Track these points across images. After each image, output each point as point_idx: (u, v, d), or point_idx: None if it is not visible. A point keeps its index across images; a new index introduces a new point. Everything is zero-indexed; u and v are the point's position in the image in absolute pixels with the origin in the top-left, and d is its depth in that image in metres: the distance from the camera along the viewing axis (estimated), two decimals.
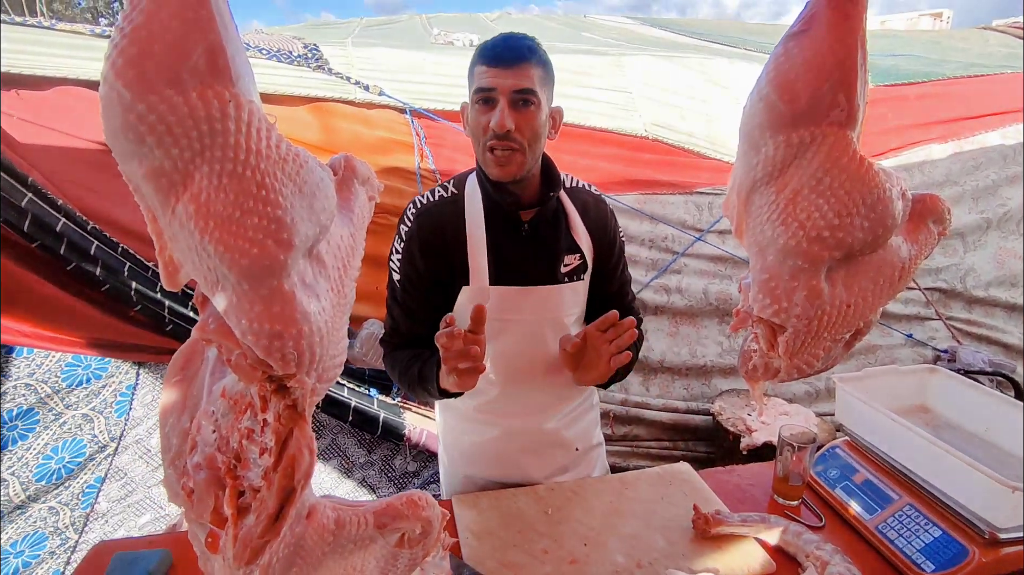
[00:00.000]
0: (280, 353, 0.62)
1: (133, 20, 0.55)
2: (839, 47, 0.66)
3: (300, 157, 0.66)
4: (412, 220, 1.21)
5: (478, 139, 1.14)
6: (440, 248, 1.19)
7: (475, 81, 1.12)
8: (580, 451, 1.40)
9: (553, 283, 1.23)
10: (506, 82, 1.08)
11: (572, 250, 1.25)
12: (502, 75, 1.08)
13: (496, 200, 1.18)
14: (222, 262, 0.59)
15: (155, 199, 0.59)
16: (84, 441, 2.01)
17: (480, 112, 1.12)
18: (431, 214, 1.21)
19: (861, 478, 1.27)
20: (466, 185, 1.23)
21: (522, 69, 1.08)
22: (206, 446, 0.77)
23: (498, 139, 1.10)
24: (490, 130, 1.09)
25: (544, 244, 1.23)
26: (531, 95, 1.10)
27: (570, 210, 1.26)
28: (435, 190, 1.25)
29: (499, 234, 1.20)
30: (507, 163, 1.12)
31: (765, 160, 0.71)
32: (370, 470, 2.32)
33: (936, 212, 0.81)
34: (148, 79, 0.54)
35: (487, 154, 1.13)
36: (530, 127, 1.11)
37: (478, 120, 1.12)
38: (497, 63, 1.08)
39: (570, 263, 1.25)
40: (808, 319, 0.72)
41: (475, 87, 1.11)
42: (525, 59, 1.09)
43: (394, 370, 1.26)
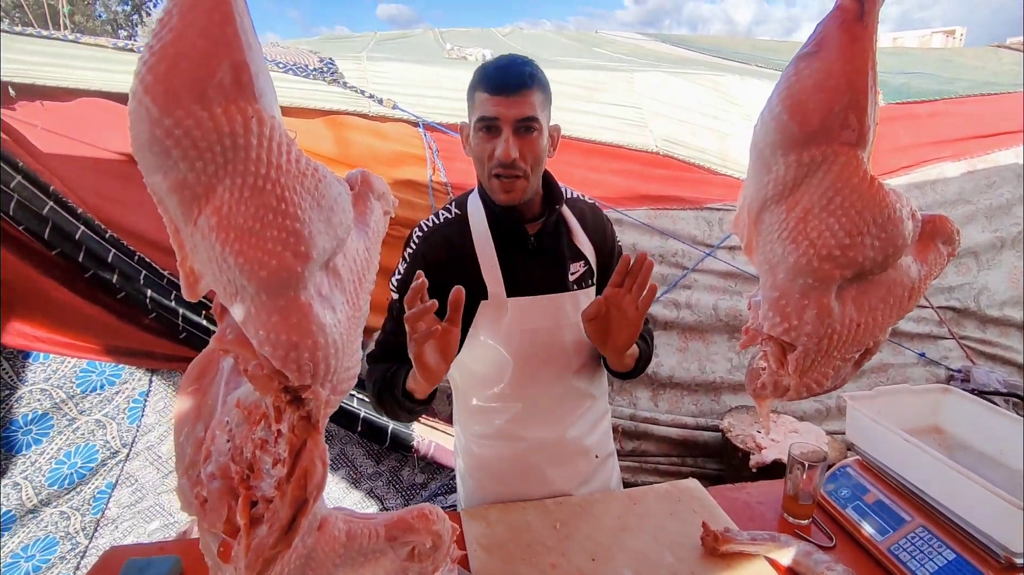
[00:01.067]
0: (296, 364, 0.63)
1: (162, 38, 0.57)
2: (850, 68, 0.67)
3: (319, 172, 0.67)
4: (419, 242, 1.24)
5: (482, 164, 1.16)
6: (448, 265, 1.20)
7: (477, 108, 1.13)
8: (599, 459, 1.41)
9: (564, 291, 1.26)
10: (509, 112, 1.09)
11: (576, 258, 1.28)
12: (504, 104, 1.09)
13: (500, 216, 1.21)
14: (241, 273, 0.60)
15: (178, 211, 0.60)
16: (96, 447, 2.03)
17: (483, 139, 1.13)
18: (438, 234, 1.23)
19: (873, 498, 1.25)
20: (468, 204, 1.25)
21: (524, 97, 1.10)
22: (220, 456, 0.78)
23: (503, 167, 1.12)
24: (495, 158, 1.11)
25: (551, 255, 1.26)
26: (534, 122, 1.12)
27: (571, 220, 1.30)
28: (438, 213, 1.28)
29: (507, 248, 1.22)
30: (512, 189, 1.15)
31: (776, 179, 0.71)
32: (378, 481, 2.32)
33: (945, 233, 0.81)
34: (175, 95, 0.56)
35: (492, 180, 1.15)
36: (532, 153, 1.13)
37: (482, 147, 1.14)
38: (499, 91, 1.09)
39: (576, 270, 1.28)
40: (818, 337, 0.72)
41: (478, 115, 1.13)
42: (526, 86, 1.10)
43: (369, 380, 1.25)
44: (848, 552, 1.17)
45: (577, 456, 1.36)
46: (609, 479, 1.45)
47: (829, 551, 1.16)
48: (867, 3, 0.69)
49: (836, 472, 1.35)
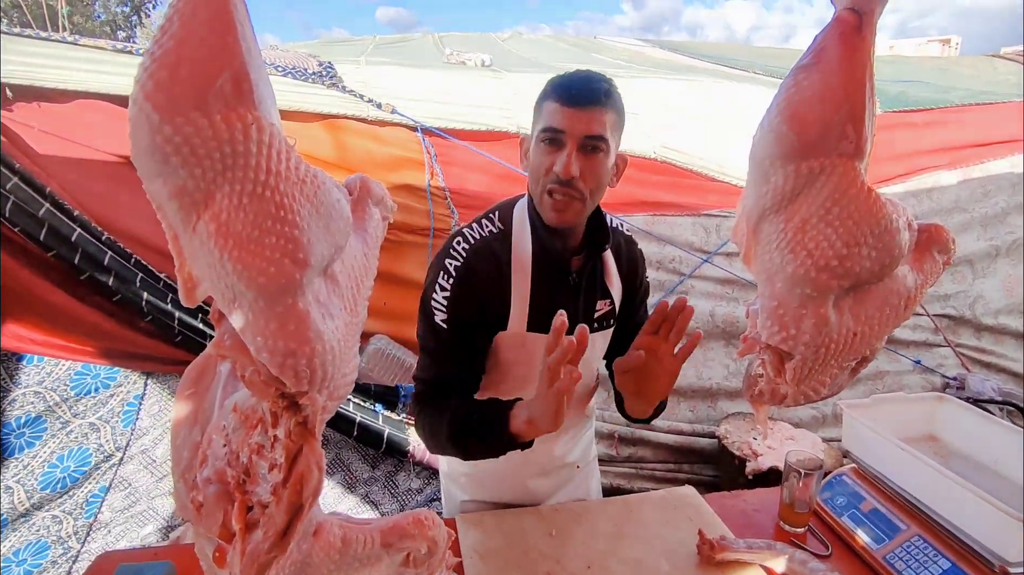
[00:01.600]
0: (293, 370, 0.63)
1: (163, 45, 0.58)
2: (848, 80, 0.68)
3: (318, 179, 0.67)
4: (464, 255, 1.11)
5: (538, 179, 1.07)
6: (489, 288, 1.12)
7: (544, 119, 1.04)
8: (580, 468, 1.41)
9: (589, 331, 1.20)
10: (577, 125, 1.01)
11: (604, 295, 1.22)
12: (574, 117, 1.01)
13: (548, 246, 1.12)
14: (240, 280, 0.60)
15: (177, 217, 0.60)
16: (90, 450, 2.01)
17: (545, 152, 1.04)
18: (486, 250, 1.12)
19: (868, 506, 1.26)
20: (514, 219, 1.15)
21: (596, 113, 1.02)
22: (216, 460, 0.77)
23: (560, 184, 1.03)
24: (553, 173, 1.03)
25: (586, 293, 1.19)
26: (601, 142, 1.03)
27: (606, 255, 1.22)
28: (481, 222, 1.16)
29: (546, 281, 1.13)
30: (565, 209, 1.06)
31: (775, 189, 0.72)
32: (373, 486, 2.31)
33: (941, 242, 0.82)
34: (175, 102, 0.56)
35: (545, 196, 1.06)
36: (595, 175, 1.05)
37: (541, 160, 1.05)
38: (571, 103, 1.01)
39: (601, 309, 1.21)
40: (815, 346, 0.73)
41: (543, 125, 1.04)
42: (600, 103, 1.02)
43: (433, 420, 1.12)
44: (844, 561, 1.17)
45: (561, 468, 1.36)
46: (588, 484, 1.45)
47: (825, 559, 1.16)
48: (865, 15, 0.69)
49: (832, 480, 1.36)
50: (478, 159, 2.50)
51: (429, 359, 1.17)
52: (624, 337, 1.26)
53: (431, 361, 1.17)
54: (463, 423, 1.06)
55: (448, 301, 1.10)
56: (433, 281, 1.12)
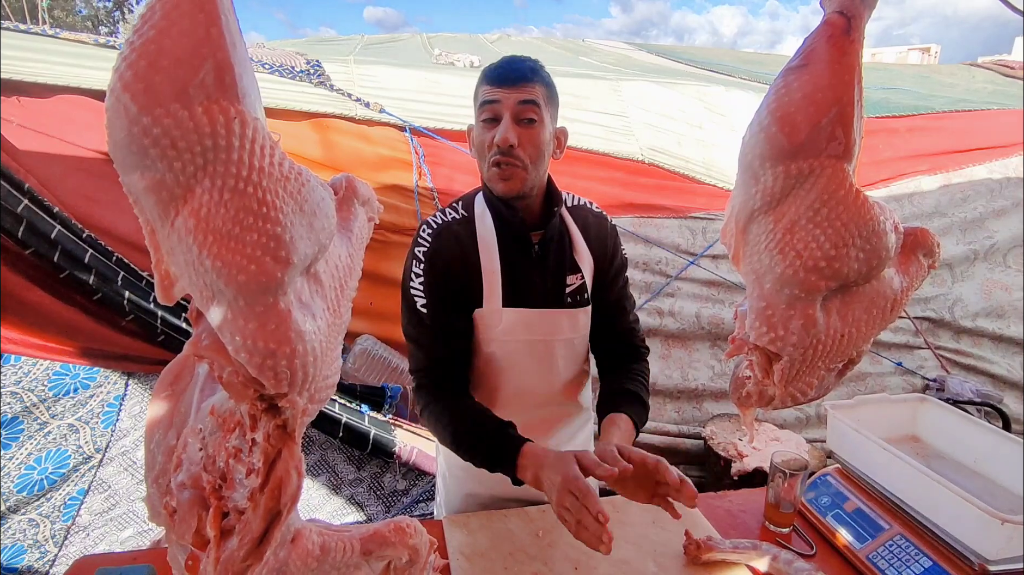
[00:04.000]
0: (273, 371, 0.61)
1: (144, 34, 0.56)
2: (837, 83, 0.68)
3: (302, 176, 0.66)
4: (431, 240, 1.19)
5: (483, 156, 1.15)
6: (459, 268, 1.18)
7: (479, 98, 1.14)
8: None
9: (560, 306, 1.24)
10: (510, 97, 1.10)
11: (573, 270, 1.26)
12: (505, 92, 1.10)
13: (507, 220, 1.19)
14: (219, 277, 0.58)
15: (155, 212, 0.59)
16: (68, 452, 1.97)
17: (485, 129, 1.13)
18: (450, 232, 1.20)
19: (852, 506, 1.27)
20: (475, 206, 1.23)
21: (525, 87, 1.11)
22: (191, 464, 0.75)
23: (502, 154, 1.11)
24: (494, 146, 1.10)
25: (552, 266, 1.23)
26: (534, 110, 1.11)
27: (572, 229, 1.27)
28: (445, 211, 1.24)
29: (511, 255, 1.20)
30: (510, 177, 1.12)
31: (764, 190, 0.72)
32: (359, 487, 2.29)
33: (926, 246, 0.83)
34: (155, 93, 0.54)
35: (492, 169, 1.13)
36: (533, 144, 1.12)
37: (482, 137, 1.14)
38: (501, 82, 1.11)
39: (572, 283, 1.25)
40: (803, 348, 0.73)
41: (480, 103, 1.14)
42: (528, 79, 1.11)
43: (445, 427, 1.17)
44: (828, 560, 1.17)
45: None
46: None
47: (810, 559, 1.16)
48: (854, 19, 0.70)
49: (817, 481, 1.36)
50: (466, 159, 2.49)
51: (419, 349, 1.22)
52: (602, 313, 1.31)
53: (421, 351, 1.21)
54: (471, 438, 1.14)
55: (424, 285, 1.17)
56: (408, 270, 1.20)
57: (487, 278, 1.18)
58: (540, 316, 1.22)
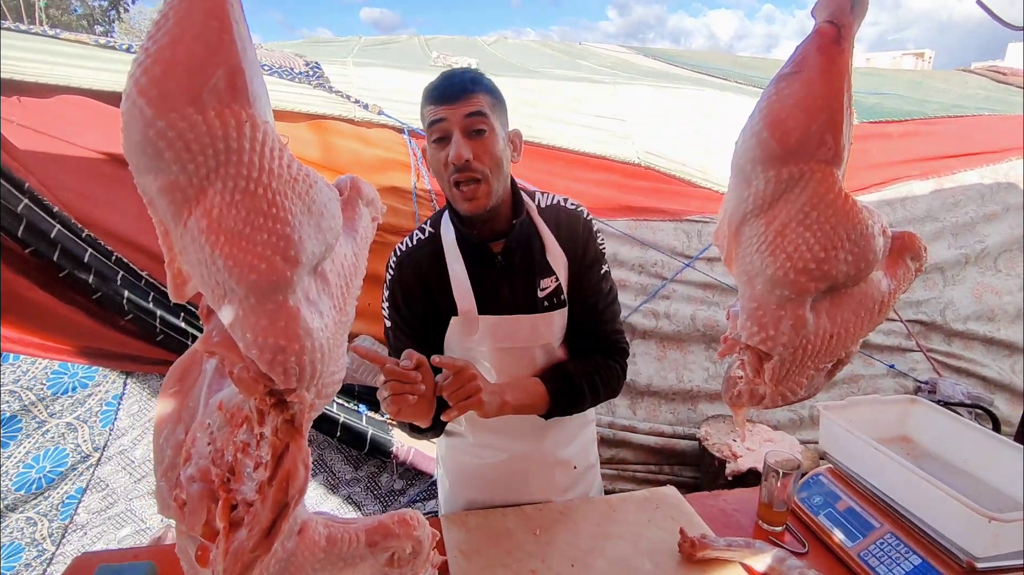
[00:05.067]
0: (283, 367, 0.63)
1: (158, 41, 0.58)
2: (827, 90, 0.71)
3: (310, 177, 0.68)
4: (395, 268, 1.25)
5: (442, 177, 1.14)
6: (423, 291, 1.22)
7: (426, 119, 1.13)
8: (578, 470, 1.41)
9: (535, 311, 1.23)
10: (455, 112, 1.08)
11: (546, 273, 1.24)
12: (450, 108, 1.09)
13: (466, 236, 1.20)
14: (230, 276, 0.60)
15: (168, 212, 0.60)
16: (67, 450, 1.98)
17: (437, 149, 1.12)
18: (411, 259, 1.24)
19: (844, 505, 1.28)
20: (441, 222, 1.25)
21: (469, 99, 1.09)
22: (200, 458, 0.77)
23: (459, 171, 1.09)
24: (450, 164, 1.09)
25: (519, 273, 1.22)
26: (482, 120, 1.10)
27: (543, 232, 1.24)
28: (414, 234, 1.28)
29: (476, 268, 1.21)
30: (474, 196, 1.11)
31: (756, 193, 0.74)
32: (356, 487, 2.30)
33: (913, 249, 0.85)
34: (169, 97, 0.56)
35: (454, 190, 1.13)
36: (488, 154, 1.10)
37: (437, 157, 1.12)
38: (444, 99, 1.09)
39: (546, 287, 1.24)
40: (793, 347, 0.75)
41: (427, 124, 1.12)
42: (470, 91, 1.10)
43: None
44: (820, 558, 1.19)
45: (554, 467, 1.36)
46: (590, 489, 1.46)
47: (802, 557, 1.18)
48: (844, 28, 0.72)
49: (809, 480, 1.38)
50: None
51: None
52: (581, 311, 1.28)
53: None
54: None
55: (389, 309, 1.26)
56: (383, 291, 1.27)
57: (457, 288, 1.20)
58: (516, 323, 1.22)
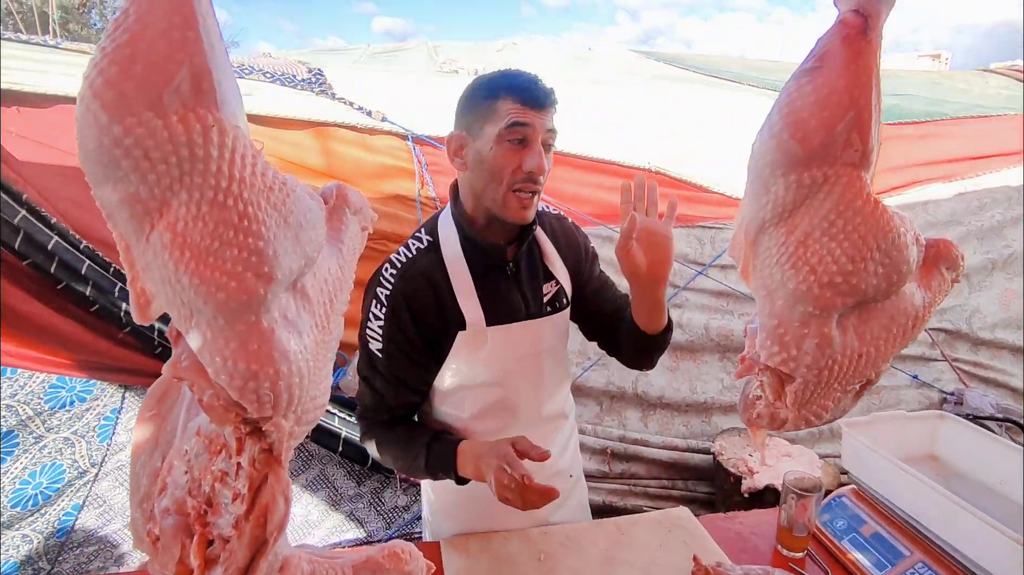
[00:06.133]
0: (255, 394, 0.58)
1: (116, 39, 0.53)
2: (854, 85, 0.64)
3: (287, 186, 0.63)
4: (394, 280, 1.13)
5: (499, 178, 1.07)
6: (431, 301, 1.14)
7: (504, 116, 1.05)
8: (573, 478, 1.38)
9: (540, 316, 1.22)
10: (541, 122, 1.06)
11: (547, 278, 1.25)
12: (537, 115, 1.05)
13: (478, 242, 1.15)
14: (197, 295, 0.55)
15: (129, 226, 0.55)
16: (64, 466, 1.94)
17: (510, 151, 1.06)
18: (415, 269, 1.14)
19: (870, 530, 1.21)
20: (439, 229, 1.18)
21: (550, 112, 1.08)
22: (176, 489, 0.72)
23: (529, 181, 1.07)
24: (522, 172, 1.05)
25: (528, 279, 1.22)
26: (554, 137, 1.10)
27: (542, 239, 1.25)
28: (408, 244, 1.19)
29: (485, 275, 1.16)
30: (530, 206, 1.10)
31: (775, 200, 0.68)
32: (359, 503, 2.25)
33: (949, 258, 0.78)
34: (126, 100, 0.51)
35: (510, 195, 1.07)
36: (547, 171, 1.10)
37: (507, 159, 1.06)
38: (533, 104, 1.05)
39: (548, 291, 1.24)
40: (818, 368, 0.68)
41: (507, 123, 1.04)
42: (553, 103, 1.09)
43: (385, 449, 1.19)
44: None
45: (553, 479, 1.28)
46: (581, 500, 1.43)
47: None
48: (871, 17, 0.66)
49: (832, 502, 1.31)
50: None
51: (366, 386, 1.19)
52: (587, 308, 1.31)
53: (368, 388, 1.19)
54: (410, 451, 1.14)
55: (383, 330, 1.13)
56: (368, 309, 1.15)
57: (464, 301, 1.14)
58: (524, 329, 1.20)
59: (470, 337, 1.15)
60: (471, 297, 1.14)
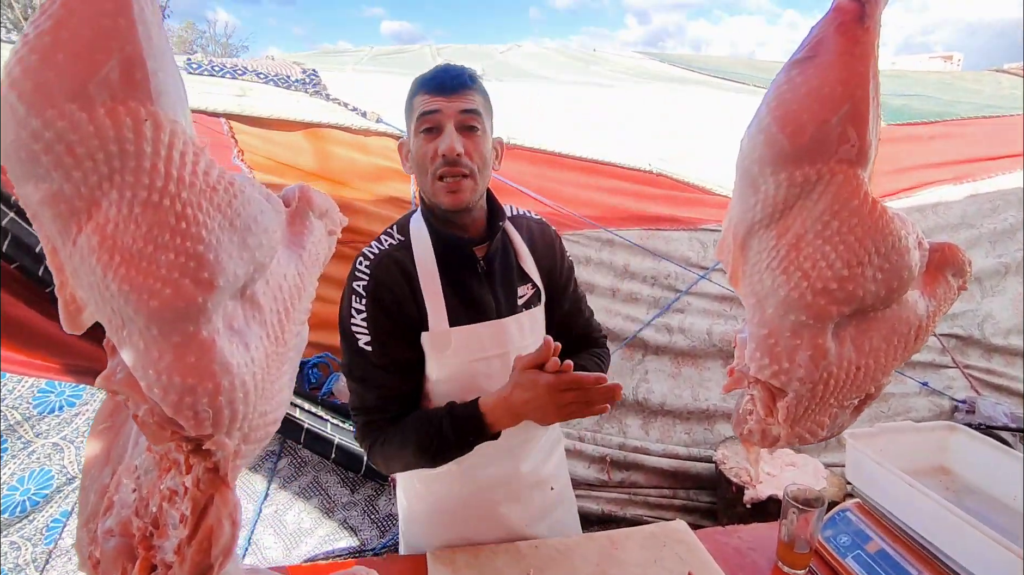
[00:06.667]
0: (192, 411, 0.53)
1: (39, 26, 0.49)
2: (849, 75, 0.59)
3: (234, 186, 0.58)
4: (370, 271, 1.13)
5: (424, 170, 1.09)
6: (403, 293, 1.12)
7: (417, 109, 1.09)
8: (555, 491, 1.33)
9: (512, 314, 1.20)
10: (451, 106, 1.06)
11: (523, 280, 1.23)
12: (445, 101, 1.06)
13: (448, 239, 1.14)
14: (127, 303, 0.51)
15: (54, 227, 0.51)
16: (52, 472, 1.91)
17: (425, 141, 1.08)
18: (390, 260, 1.13)
19: (875, 547, 1.15)
20: (410, 228, 1.17)
21: (466, 95, 1.08)
22: (123, 508, 0.68)
23: (448, 165, 1.06)
24: (439, 157, 1.06)
25: (501, 278, 1.20)
26: (476, 119, 1.08)
27: (516, 241, 1.24)
28: (380, 238, 1.18)
29: (456, 274, 1.15)
30: (458, 189, 1.08)
31: (765, 200, 0.62)
32: (352, 510, 2.20)
33: (955, 263, 0.73)
34: (46, 91, 0.47)
35: (436, 183, 1.08)
36: (478, 152, 1.09)
37: (424, 149, 1.08)
38: (440, 91, 1.07)
39: (524, 294, 1.22)
40: (812, 383, 0.63)
41: (418, 114, 1.08)
42: (467, 86, 1.08)
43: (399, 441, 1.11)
44: None
45: (532, 490, 1.28)
46: (568, 513, 1.38)
47: None
48: (868, 4, 0.60)
49: (835, 516, 1.25)
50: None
51: (362, 386, 1.15)
52: (562, 318, 1.30)
53: (364, 388, 1.15)
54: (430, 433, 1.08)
55: (368, 321, 1.11)
56: (348, 307, 1.13)
57: (430, 300, 1.12)
58: (489, 328, 1.16)
59: (434, 338, 1.13)
60: (436, 297, 1.13)
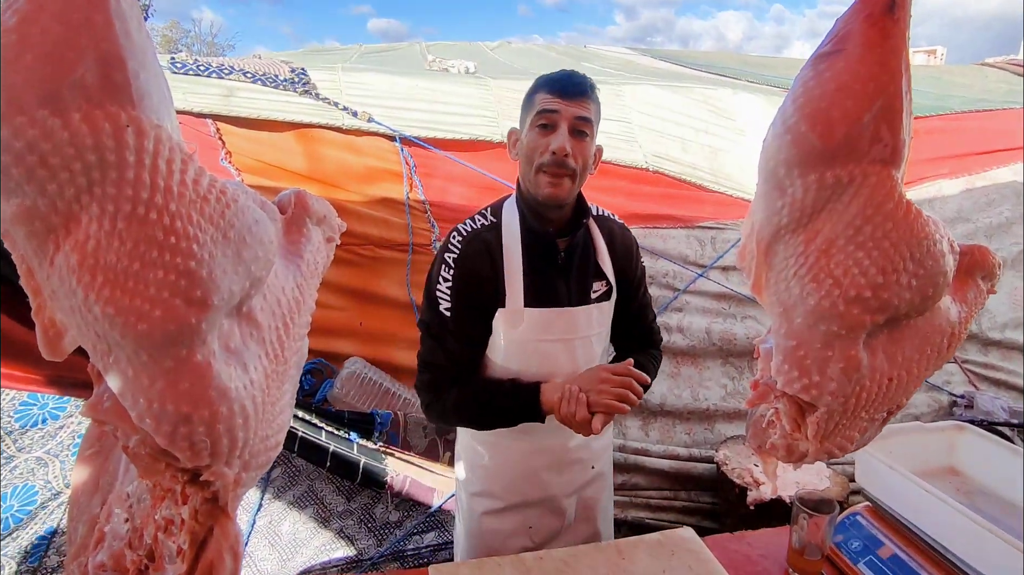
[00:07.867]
0: (187, 442, 0.49)
1: (5, 23, 0.44)
2: (879, 70, 0.55)
3: (227, 195, 0.54)
4: (460, 246, 1.25)
5: (531, 160, 1.19)
6: (486, 272, 1.24)
7: (537, 106, 1.19)
8: (595, 470, 1.41)
9: (583, 305, 1.30)
10: (569, 110, 1.17)
11: (599, 276, 1.31)
12: (564, 103, 1.17)
13: (534, 228, 1.24)
14: (112, 327, 0.46)
15: (29, 246, 0.46)
16: (36, 487, 1.85)
17: (539, 135, 1.18)
18: (479, 239, 1.25)
19: (887, 552, 1.13)
20: (503, 212, 1.29)
21: (583, 102, 1.18)
22: (115, 539, 0.63)
23: (555, 162, 1.16)
24: (548, 152, 1.16)
25: (577, 271, 1.29)
26: (588, 126, 1.19)
27: (597, 238, 1.33)
28: (474, 217, 1.30)
29: (536, 261, 1.25)
30: (558, 184, 1.18)
31: (792, 203, 0.59)
32: (349, 519, 2.15)
33: (986, 267, 0.70)
34: (15, 97, 0.42)
35: (539, 175, 1.18)
36: (583, 155, 1.19)
37: (536, 141, 1.18)
38: (562, 94, 1.17)
39: (598, 289, 1.31)
40: (844, 396, 0.60)
41: (537, 110, 1.18)
42: (586, 94, 1.19)
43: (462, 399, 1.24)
44: None
45: (574, 464, 1.37)
46: (602, 493, 1.45)
47: None
48: None
49: (845, 521, 1.23)
50: (460, 170, 2.38)
51: (436, 343, 1.26)
52: (624, 320, 1.39)
53: (437, 345, 1.26)
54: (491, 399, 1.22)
55: (451, 291, 1.23)
56: (436, 274, 1.26)
57: (509, 280, 1.23)
58: (559, 315, 1.26)
59: (508, 314, 1.23)
60: (516, 276, 1.23)
